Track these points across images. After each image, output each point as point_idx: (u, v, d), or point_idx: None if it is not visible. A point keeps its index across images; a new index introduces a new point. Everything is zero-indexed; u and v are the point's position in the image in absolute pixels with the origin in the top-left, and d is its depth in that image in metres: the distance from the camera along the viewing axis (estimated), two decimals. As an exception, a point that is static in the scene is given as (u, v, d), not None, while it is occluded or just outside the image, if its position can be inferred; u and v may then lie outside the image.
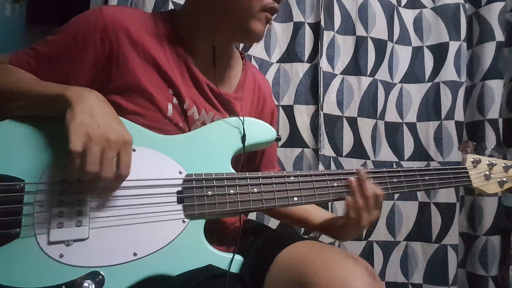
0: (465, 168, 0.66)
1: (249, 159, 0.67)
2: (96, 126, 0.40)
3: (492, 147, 0.69)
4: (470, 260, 1.13)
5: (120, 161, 0.42)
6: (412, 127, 1.16)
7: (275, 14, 0.56)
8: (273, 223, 1.00)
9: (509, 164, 0.68)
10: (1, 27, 1.09)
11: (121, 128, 0.43)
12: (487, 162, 0.68)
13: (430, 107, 1.16)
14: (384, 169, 0.59)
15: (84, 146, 0.39)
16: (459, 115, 1.13)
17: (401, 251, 1.13)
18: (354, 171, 0.57)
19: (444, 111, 1.14)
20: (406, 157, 1.15)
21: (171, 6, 0.96)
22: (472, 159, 0.67)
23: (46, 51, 0.50)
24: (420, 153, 1.15)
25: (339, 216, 0.61)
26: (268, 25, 0.56)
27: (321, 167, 1.02)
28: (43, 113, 0.45)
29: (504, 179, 0.67)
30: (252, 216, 0.98)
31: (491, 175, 0.67)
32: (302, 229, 1.06)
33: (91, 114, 0.41)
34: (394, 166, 1.14)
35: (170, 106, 0.53)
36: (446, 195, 1.11)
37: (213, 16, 0.54)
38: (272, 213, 0.74)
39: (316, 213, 0.66)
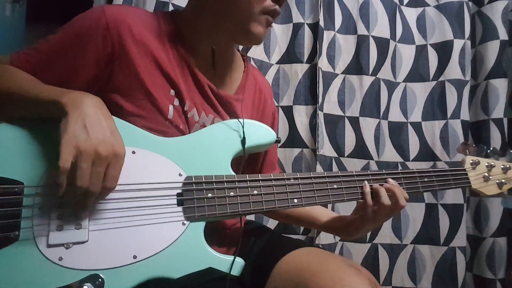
0: (464, 170, 0.66)
1: (250, 162, 0.66)
2: (88, 139, 0.39)
3: (491, 148, 0.70)
4: (476, 262, 1.11)
5: (107, 174, 0.41)
6: (417, 126, 1.15)
7: (277, 17, 0.56)
8: (272, 223, 1.00)
9: (507, 166, 0.69)
10: (1, 27, 1.09)
11: (114, 140, 0.42)
12: (486, 164, 0.68)
13: (436, 106, 1.14)
14: (383, 171, 0.59)
15: (74, 161, 0.38)
16: (465, 114, 1.12)
17: (408, 255, 1.11)
18: (353, 173, 0.57)
19: (450, 110, 1.12)
20: (411, 157, 1.14)
21: (171, 9, 0.97)
22: (471, 161, 0.67)
23: (47, 50, 0.50)
24: (426, 153, 1.13)
25: (353, 215, 0.61)
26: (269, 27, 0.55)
27: (319, 167, 1.01)
28: (41, 115, 0.45)
29: (503, 180, 0.68)
30: (251, 216, 0.97)
31: (490, 177, 0.67)
32: (301, 229, 1.05)
33: (84, 125, 0.40)
34: (400, 167, 1.13)
35: (171, 108, 0.53)
36: (454, 196, 1.10)
37: (214, 17, 0.54)
38: (274, 215, 0.73)
39: (323, 212, 0.66)
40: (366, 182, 0.56)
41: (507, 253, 1.07)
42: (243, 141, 0.53)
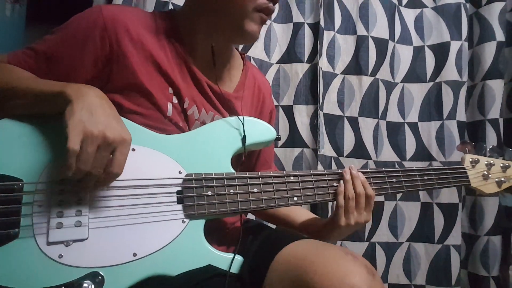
0: (464, 168, 0.67)
1: (245, 160, 0.66)
2: (95, 124, 0.40)
3: (491, 147, 0.69)
4: (471, 260, 1.12)
5: (114, 159, 0.41)
6: (414, 127, 1.16)
7: (271, 15, 0.56)
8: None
9: (507, 164, 0.69)
10: (1, 27, 1.09)
11: (120, 127, 0.42)
12: (486, 162, 0.68)
13: (432, 107, 1.15)
14: (383, 169, 0.59)
15: (81, 144, 0.39)
16: (461, 115, 1.13)
17: (404, 252, 1.12)
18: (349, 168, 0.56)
19: (446, 111, 1.13)
20: (408, 157, 1.15)
21: (171, 8, 0.97)
22: (470, 159, 0.68)
23: (45, 51, 0.50)
24: (422, 153, 1.14)
25: (326, 218, 0.61)
26: (265, 25, 0.55)
27: (320, 167, 1.02)
28: (43, 110, 0.45)
29: (502, 179, 0.68)
30: (252, 215, 0.98)
31: (490, 175, 0.67)
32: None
33: (90, 112, 0.40)
34: (396, 166, 1.14)
35: (170, 106, 0.53)
36: (449, 195, 1.11)
37: (209, 16, 0.54)
38: (260, 214, 0.73)
39: (300, 213, 0.66)
40: (341, 182, 0.55)
41: (501, 251, 1.09)
42: (243, 139, 0.53)
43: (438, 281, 1.09)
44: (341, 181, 0.55)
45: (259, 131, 0.55)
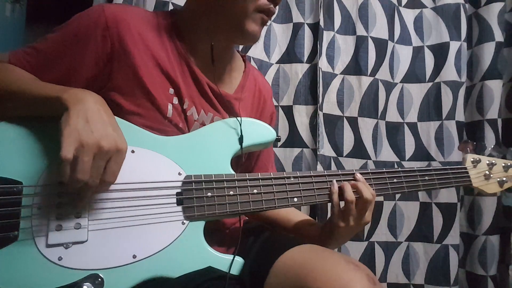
0: (465, 168, 0.66)
1: (245, 162, 0.66)
2: (90, 132, 0.39)
3: (492, 146, 0.69)
4: (469, 259, 1.13)
5: (108, 168, 0.41)
6: (413, 127, 1.16)
7: (272, 16, 0.56)
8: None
9: (509, 164, 0.69)
10: (1, 27, 1.09)
11: (116, 135, 0.42)
12: (487, 162, 0.68)
13: (431, 107, 1.16)
14: (384, 170, 0.59)
15: (76, 153, 0.38)
16: (460, 115, 1.13)
17: (403, 252, 1.13)
18: (354, 171, 0.56)
19: (445, 111, 1.14)
20: (407, 157, 1.15)
21: (171, 8, 0.97)
22: (472, 159, 0.67)
23: (46, 49, 0.50)
24: (421, 153, 1.15)
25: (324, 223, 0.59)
26: (265, 26, 0.55)
27: (319, 167, 1.02)
28: (41, 114, 0.45)
29: (504, 178, 0.68)
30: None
31: (491, 175, 0.67)
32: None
33: (86, 119, 0.40)
34: (396, 166, 1.14)
35: (170, 107, 0.53)
36: (447, 195, 1.11)
37: (211, 16, 0.54)
38: (255, 217, 0.72)
39: (298, 217, 0.65)
40: (334, 181, 0.54)
41: (499, 250, 1.09)
42: (240, 140, 0.53)
43: (436, 280, 1.10)
44: (334, 181, 0.54)
45: (259, 132, 0.55)
